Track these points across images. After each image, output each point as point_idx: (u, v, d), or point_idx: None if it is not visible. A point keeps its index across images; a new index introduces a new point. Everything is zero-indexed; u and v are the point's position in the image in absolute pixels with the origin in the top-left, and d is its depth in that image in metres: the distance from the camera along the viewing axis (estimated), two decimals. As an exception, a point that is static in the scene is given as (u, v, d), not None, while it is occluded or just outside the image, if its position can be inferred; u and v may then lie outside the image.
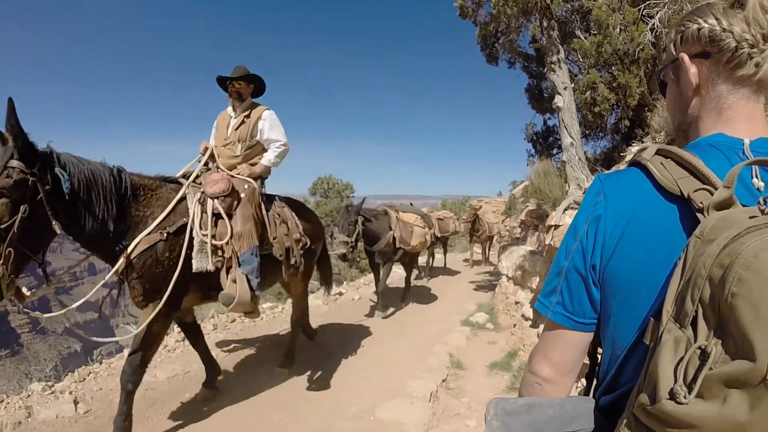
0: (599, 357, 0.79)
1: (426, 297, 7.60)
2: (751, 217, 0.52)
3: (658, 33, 5.05)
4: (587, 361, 0.83)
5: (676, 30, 0.78)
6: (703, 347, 0.48)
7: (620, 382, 0.68)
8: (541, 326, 3.65)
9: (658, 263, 0.63)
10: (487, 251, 12.42)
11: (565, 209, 4.25)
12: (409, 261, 7.31)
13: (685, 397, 0.47)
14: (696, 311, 0.50)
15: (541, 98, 7.49)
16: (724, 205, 0.57)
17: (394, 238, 6.24)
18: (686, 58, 0.75)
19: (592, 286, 0.73)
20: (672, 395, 0.48)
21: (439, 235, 8.97)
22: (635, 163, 0.73)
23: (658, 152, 0.71)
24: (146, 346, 2.75)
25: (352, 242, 5.58)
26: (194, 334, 3.51)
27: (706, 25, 0.71)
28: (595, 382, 0.80)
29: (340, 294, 7.43)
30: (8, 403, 3.35)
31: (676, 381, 0.48)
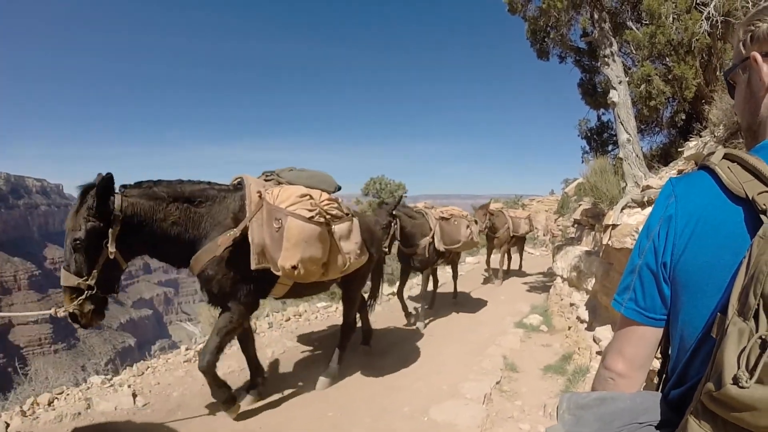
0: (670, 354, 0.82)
1: (478, 298, 7.53)
2: None
3: (713, 22, 4.78)
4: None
5: (745, 29, 0.79)
6: (763, 337, 0.52)
7: (689, 375, 0.71)
8: (597, 328, 3.55)
9: (724, 262, 0.67)
10: (506, 259, 10.05)
11: (623, 208, 4.09)
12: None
13: (746, 382, 0.51)
14: (758, 305, 0.54)
15: (594, 93, 7.24)
16: None
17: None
18: (759, 57, 0.76)
19: (663, 282, 0.77)
20: (735, 380, 0.52)
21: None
22: (703, 167, 0.77)
23: (725, 156, 0.74)
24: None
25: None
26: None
27: None
28: (663, 377, 0.84)
29: (393, 294, 7.49)
30: (68, 394, 3.53)
31: (739, 368, 0.53)
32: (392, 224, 5.23)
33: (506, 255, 10.04)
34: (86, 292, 2.45)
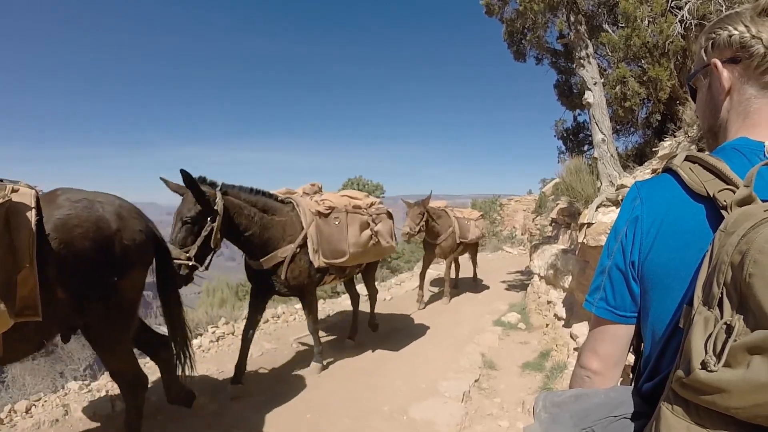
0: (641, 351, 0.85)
1: (457, 297, 7.58)
2: (765, 210, 0.59)
3: (687, 24, 4.91)
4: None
5: (707, 37, 0.83)
6: (728, 323, 0.55)
7: (661, 368, 0.73)
8: (574, 325, 3.61)
9: (689, 257, 0.70)
10: (453, 269, 7.91)
11: (598, 206, 4.17)
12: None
13: (714, 366, 0.53)
14: (721, 293, 0.57)
15: (570, 94, 7.37)
16: (744, 202, 0.63)
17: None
18: (719, 63, 0.80)
19: (632, 281, 0.80)
20: (704, 365, 0.54)
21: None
22: (667, 170, 0.81)
23: (687, 158, 0.78)
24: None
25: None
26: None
27: (737, 32, 0.77)
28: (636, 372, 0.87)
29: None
30: (45, 401, 3.46)
31: (706, 353, 0.55)
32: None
33: (455, 263, 8.11)
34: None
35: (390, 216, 4.80)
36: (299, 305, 6.51)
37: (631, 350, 0.87)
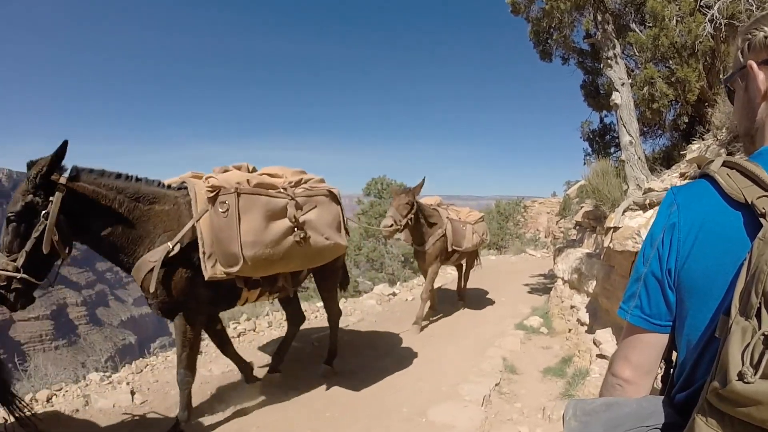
0: (674, 360, 0.85)
1: (479, 299, 7.52)
2: None
3: (717, 24, 4.76)
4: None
5: (743, 38, 0.82)
6: (766, 333, 0.54)
7: (695, 378, 0.73)
8: (597, 331, 3.55)
9: (726, 266, 0.70)
10: (462, 281, 7.03)
11: (625, 210, 4.08)
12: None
13: (751, 377, 0.53)
14: (760, 303, 0.56)
15: (597, 95, 7.22)
16: None
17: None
18: (755, 65, 0.79)
19: (668, 289, 0.79)
20: (740, 376, 0.54)
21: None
22: (704, 175, 0.80)
23: (724, 164, 0.77)
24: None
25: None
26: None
27: None
28: (668, 382, 0.86)
29: (394, 294, 7.48)
30: (67, 391, 3.54)
31: (743, 364, 0.54)
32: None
33: (457, 269, 7.02)
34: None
35: (335, 200, 3.41)
36: (321, 303, 6.57)
37: (661, 359, 0.86)
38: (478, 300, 7.47)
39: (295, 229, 2.99)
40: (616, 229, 3.76)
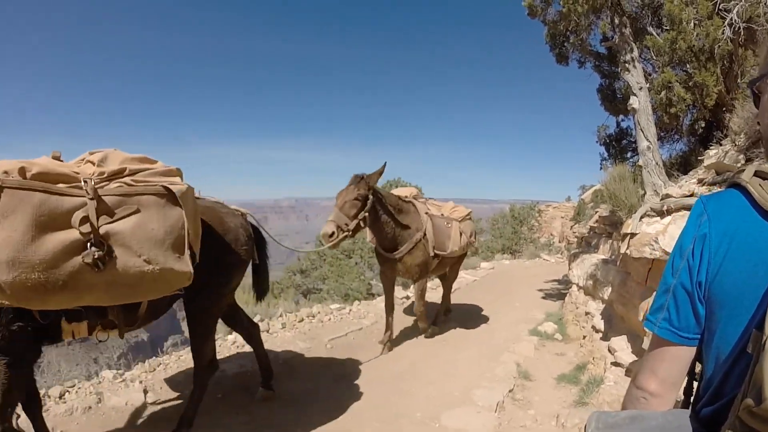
0: (697, 373, 0.84)
1: (493, 304, 7.48)
2: None
3: (736, 28, 4.68)
4: None
5: None
6: None
7: (723, 392, 0.72)
8: (612, 338, 3.50)
9: (758, 278, 0.68)
10: (445, 291, 6.24)
11: (642, 216, 4.03)
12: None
13: None
14: None
15: (614, 99, 7.15)
16: None
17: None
18: None
19: (698, 302, 0.78)
20: None
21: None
22: (734, 184, 0.78)
23: (756, 174, 0.75)
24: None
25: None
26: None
27: None
28: (693, 396, 0.85)
29: (407, 298, 7.47)
30: (79, 388, 3.51)
31: None
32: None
33: (444, 282, 6.18)
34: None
35: (175, 202, 2.25)
36: (335, 305, 6.58)
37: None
38: (493, 304, 7.43)
39: (89, 244, 1.99)
40: (633, 235, 3.71)
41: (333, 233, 3.89)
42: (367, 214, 4.12)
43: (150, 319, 2.65)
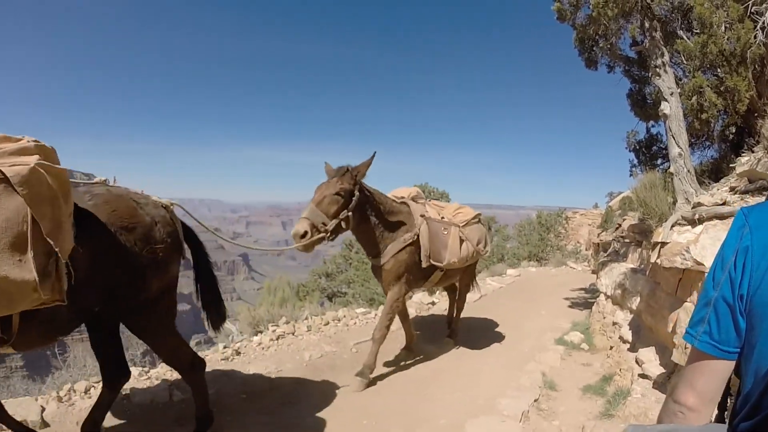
0: (731, 387, 0.83)
1: (519, 311, 7.40)
2: None
3: (768, 32, 4.56)
4: None
5: None
6: None
7: (762, 407, 0.71)
8: (640, 350, 3.43)
9: None
10: (453, 309, 5.49)
11: (673, 225, 3.95)
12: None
13: None
14: None
15: (644, 104, 7.00)
16: None
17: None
18: None
19: (739, 315, 0.77)
20: None
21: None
22: None
23: None
24: None
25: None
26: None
27: None
28: (730, 411, 0.84)
29: (433, 303, 7.47)
30: None
31: None
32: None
33: (452, 296, 5.49)
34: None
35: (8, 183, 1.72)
36: (360, 309, 6.61)
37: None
38: (518, 312, 7.35)
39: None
40: (663, 244, 3.63)
41: (306, 233, 3.34)
42: (350, 213, 3.57)
43: (47, 338, 2.21)
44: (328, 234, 3.46)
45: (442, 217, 4.41)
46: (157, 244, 2.43)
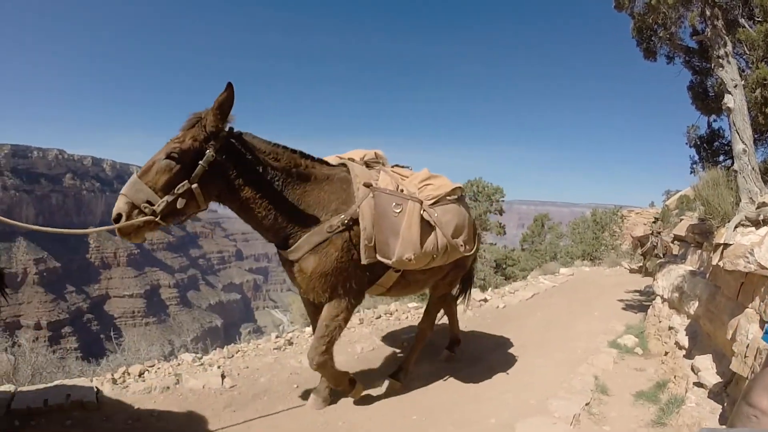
0: None
1: (572, 312, 7.24)
2: None
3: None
4: None
5: None
6: None
7: None
8: (697, 357, 3.29)
9: None
10: (451, 317, 4.78)
11: (736, 226, 3.76)
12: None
13: None
14: None
15: (706, 97, 6.65)
16: None
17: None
18: None
19: None
20: None
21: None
22: None
23: None
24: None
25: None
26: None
27: None
28: None
29: (485, 300, 7.42)
30: (159, 368, 3.65)
31: None
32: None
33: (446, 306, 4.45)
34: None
35: None
36: (412, 304, 6.63)
37: None
38: (570, 313, 7.20)
39: None
40: (726, 246, 3.48)
41: (119, 216, 2.35)
42: (195, 185, 2.42)
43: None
44: (159, 217, 2.38)
45: (401, 190, 3.04)
46: None
